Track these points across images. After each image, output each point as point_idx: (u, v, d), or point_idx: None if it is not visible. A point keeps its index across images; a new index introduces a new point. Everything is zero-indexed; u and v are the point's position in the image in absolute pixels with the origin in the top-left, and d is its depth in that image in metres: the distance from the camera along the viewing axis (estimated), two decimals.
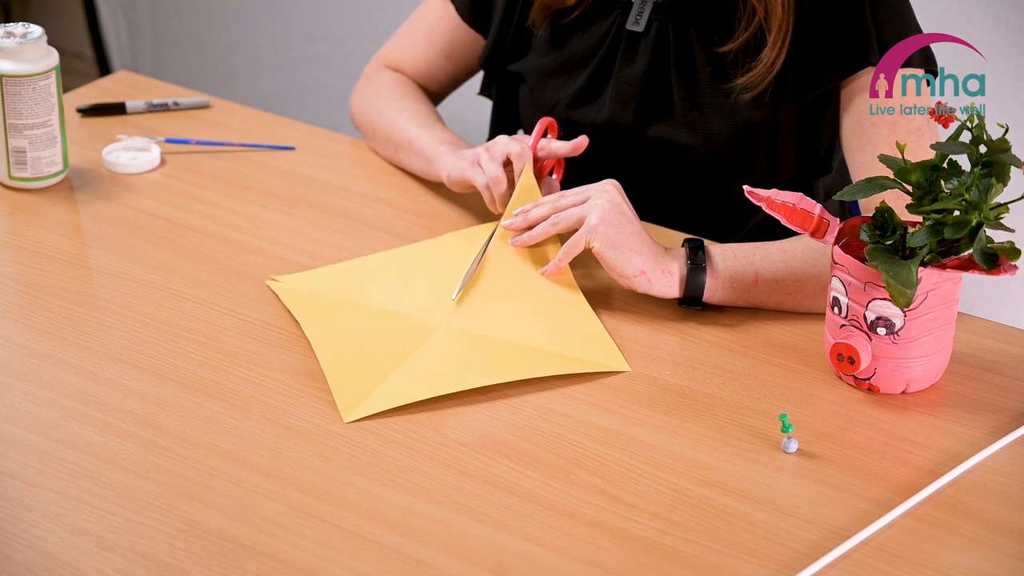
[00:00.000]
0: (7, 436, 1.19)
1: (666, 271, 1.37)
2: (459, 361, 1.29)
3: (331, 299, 1.38)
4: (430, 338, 1.32)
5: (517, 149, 1.46)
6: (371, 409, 1.23)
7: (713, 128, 1.51)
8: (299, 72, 3.00)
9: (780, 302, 1.38)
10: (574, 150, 1.48)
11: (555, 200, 1.42)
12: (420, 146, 1.59)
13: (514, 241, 1.42)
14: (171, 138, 1.68)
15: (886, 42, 1.44)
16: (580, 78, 1.58)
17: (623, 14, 1.55)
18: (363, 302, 1.38)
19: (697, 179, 1.56)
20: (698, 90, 1.52)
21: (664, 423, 1.23)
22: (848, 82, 1.46)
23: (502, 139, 1.48)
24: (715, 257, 1.38)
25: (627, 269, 1.37)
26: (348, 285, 1.40)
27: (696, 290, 1.37)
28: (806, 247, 1.38)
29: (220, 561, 1.06)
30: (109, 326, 1.34)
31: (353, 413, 1.22)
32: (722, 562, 1.08)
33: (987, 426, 1.24)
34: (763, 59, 1.47)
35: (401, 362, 1.28)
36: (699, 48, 1.51)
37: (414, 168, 1.61)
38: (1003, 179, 1.19)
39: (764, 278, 1.37)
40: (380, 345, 1.31)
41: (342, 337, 1.32)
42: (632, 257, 1.36)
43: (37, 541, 1.07)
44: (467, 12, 1.64)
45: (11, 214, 1.53)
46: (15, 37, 1.52)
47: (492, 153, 1.47)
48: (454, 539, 1.10)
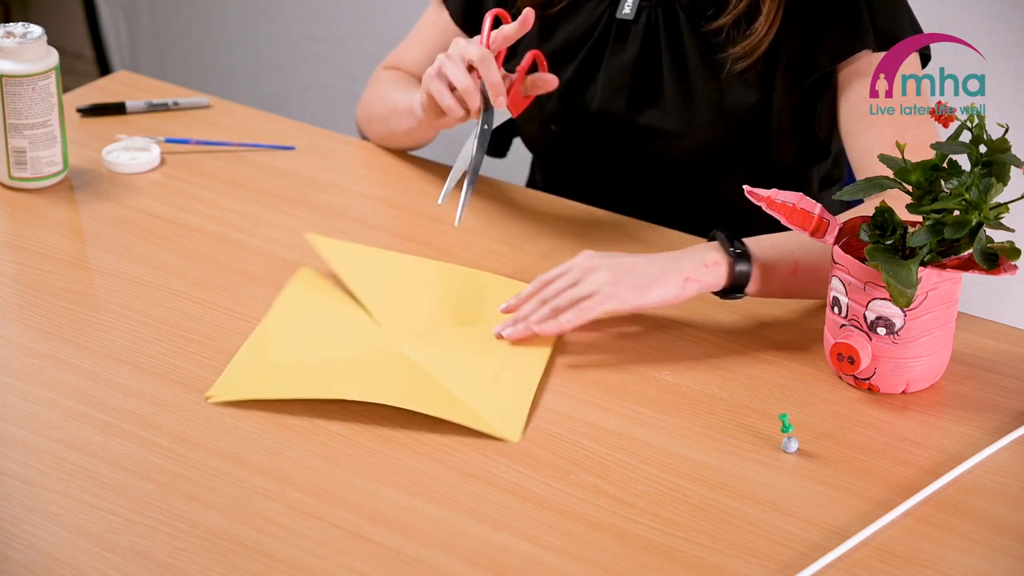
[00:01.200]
0: (7, 436, 1.19)
1: (708, 263, 1.32)
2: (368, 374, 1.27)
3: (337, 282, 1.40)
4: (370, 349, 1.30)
5: (477, 53, 1.41)
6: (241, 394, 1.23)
7: (705, 114, 1.52)
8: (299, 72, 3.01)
9: (815, 290, 1.35)
10: (523, 25, 1.42)
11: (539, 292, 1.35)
12: (404, 105, 1.57)
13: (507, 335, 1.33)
14: (171, 138, 1.68)
15: (880, 25, 1.45)
16: (570, 68, 1.58)
17: (612, 2, 1.55)
18: (360, 296, 1.38)
19: (690, 168, 1.56)
20: (689, 76, 1.52)
21: (664, 423, 1.23)
22: (844, 66, 1.47)
23: (459, 41, 1.43)
24: (751, 246, 1.34)
25: (672, 291, 1.31)
26: (363, 272, 1.41)
27: (742, 278, 1.33)
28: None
29: (220, 561, 1.06)
30: (109, 326, 1.34)
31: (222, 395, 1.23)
32: (722, 562, 1.08)
33: (987, 426, 1.24)
34: (758, 28, 1.47)
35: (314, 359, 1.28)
36: (689, 32, 1.52)
37: (403, 127, 1.59)
38: (1003, 179, 1.19)
39: (801, 266, 1.34)
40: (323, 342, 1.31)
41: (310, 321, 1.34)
42: (665, 280, 1.31)
43: (37, 541, 1.07)
44: (460, 15, 1.64)
45: (11, 214, 1.53)
46: (15, 37, 1.52)
47: (453, 59, 1.42)
48: (454, 539, 1.10)
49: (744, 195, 1.29)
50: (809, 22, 1.47)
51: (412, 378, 1.27)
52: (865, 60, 1.46)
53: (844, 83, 1.47)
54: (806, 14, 1.47)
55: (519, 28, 1.42)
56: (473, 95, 1.42)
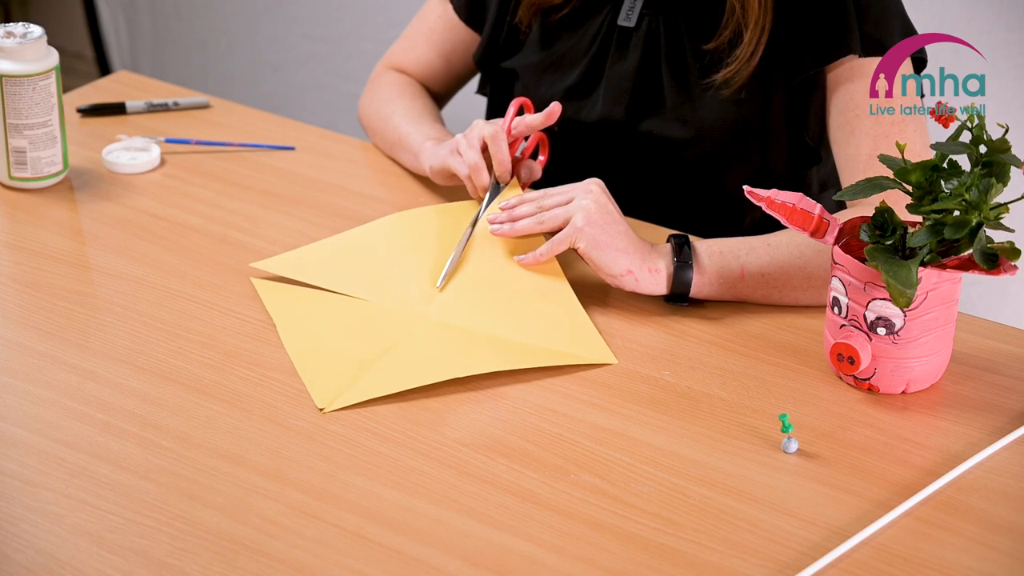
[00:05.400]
0: (7, 436, 1.19)
1: (653, 269, 1.37)
2: (439, 353, 1.30)
3: (308, 289, 1.39)
4: (410, 330, 1.32)
5: (490, 131, 1.46)
6: (351, 400, 1.23)
7: (704, 121, 1.52)
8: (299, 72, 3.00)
9: (767, 296, 1.39)
10: (547, 118, 1.47)
11: (540, 199, 1.41)
12: (409, 142, 1.60)
13: (495, 230, 1.41)
14: (171, 138, 1.68)
15: (868, 30, 1.45)
16: (572, 75, 1.58)
17: (614, 10, 1.56)
18: (342, 290, 1.38)
19: (690, 175, 1.56)
20: (689, 84, 1.53)
21: (664, 423, 1.23)
22: (832, 69, 1.47)
23: (478, 123, 1.48)
24: (701, 253, 1.38)
25: (614, 269, 1.37)
26: (327, 270, 1.41)
27: (683, 287, 1.37)
28: (791, 240, 1.38)
29: (220, 561, 1.06)
30: (109, 326, 1.34)
31: (332, 403, 1.23)
32: (722, 562, 1.08)
33: (987, 426, 1.24)
34: (738, 55, 1.48)
35: (381, 354, 1.29)
36: (688, 43, 1.52)
37: (407, 164, 1.62)
38: (1003, 179, 1.19)
39: (750, 272, 1.38)
40: (359, 337, 1.32)
41: (318, 329, 1.33)
42: (618, 257, 1.36)
43: (37, 541, 1.07)
44: (464, 11, 1.64)
45: (11, 214, 1.53)
46: (15, 37, 1.52)
47: (470, 140, 1.48)
48: (454, 539, 1.10)
49: (744, 198, 1.30)
50: (798, 29, 1.47)
51: (475, 342, 1.31)
52: (851, 65, 1.46)
53: (831, 88, 1.48)
54: (795, 24, 1.47)
55: (543, 119, 1.47)
56: (481, 173, 1.46)
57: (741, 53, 1.48)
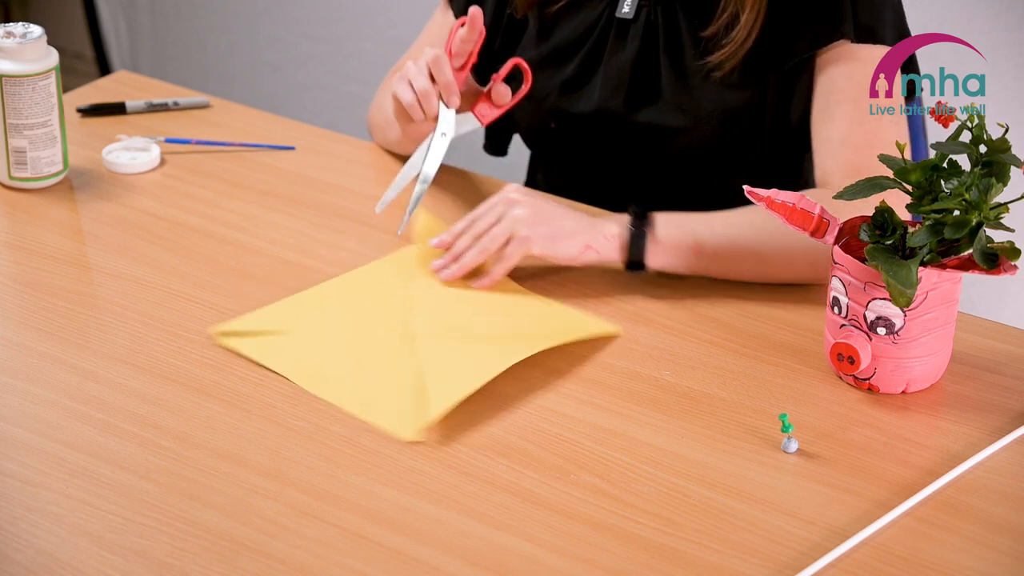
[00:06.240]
0: (7, 436, 1.19)
1: (608, 235, 1.39)
2: (470, 354, 1.29)
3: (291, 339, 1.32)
4: (419, 347, 1.30)
5: (432, 55, 1.46)
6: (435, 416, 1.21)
7: (701, 108, 1.53)
8: (299, 72, 3.01)
9: (723, 272, 1.41)
10: (472, 26, 1.45)
11: (469, 229, 1.41)
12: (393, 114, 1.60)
13: (445, 276, 1.40)
14: (171, 138, 1.68)
15: (861, 17, 1.46)
16: (570, 67, 1.59)
17: (612, 1, 1.56)
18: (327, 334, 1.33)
19: (687, 163, 1.57)
20: (686, 74, 1.54)
21: (664, 423, 1.23)
22: (821, 54, 1.48)
23: (426, 50, 1.48)
24: (657, 223, 1.39)
25: (573, 251, 1.38)
26: (298, 323, 1.34)
27: (638, 253, 1.39)
28: (751, 220, 1.39)
29: (220, 561, 1.06)
30: (109, 326, 1.34)
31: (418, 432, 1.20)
32: (722, 562, 1.08)
33: (987, 426, 1.24)
34: (734, 37, 1.49)
35: (416, 373, 1.26)
36: (686, 32, 1.53)
37: (393, 137, 1.63)
38: (1003, 179, 1.19)
39: (705, 250, 1.39)
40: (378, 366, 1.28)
41: (338, 370, 1.28)
42: (573, 239, 1.38)
43: (37, 541, 1.08)
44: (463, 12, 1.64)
45: (11, 214, 1.53)
46: (15, 37, 1.52)
47: (419, 66, 1.48)
48: (454, 539, 1.10)
49: (741, 190, 1.30)
50: (794, 11, 1.48)
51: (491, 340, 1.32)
52: (840, 50, 1.47)
53: (818, 71, 1.49)
54: (791, 4, 1.48)
55: (469, 30, 1.46)
56: (430, 98, 1.46)
57: (737, 35, 1.49)
